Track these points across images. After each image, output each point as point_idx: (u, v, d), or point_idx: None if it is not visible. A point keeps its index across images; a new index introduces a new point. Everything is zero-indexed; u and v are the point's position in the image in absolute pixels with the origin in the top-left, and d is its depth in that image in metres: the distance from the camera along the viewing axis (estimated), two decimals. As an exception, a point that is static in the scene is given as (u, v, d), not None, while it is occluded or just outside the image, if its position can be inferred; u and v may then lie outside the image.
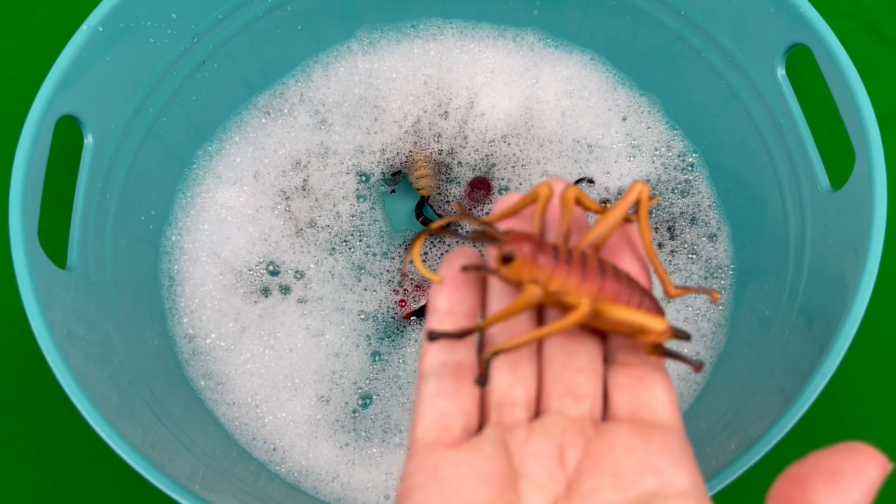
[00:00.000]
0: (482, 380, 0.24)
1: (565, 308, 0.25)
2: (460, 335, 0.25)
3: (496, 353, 0.25)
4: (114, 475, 0.45)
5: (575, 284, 0.25)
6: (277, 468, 0.45)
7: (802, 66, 0.43)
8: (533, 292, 0.24)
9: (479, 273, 0.26)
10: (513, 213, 0.27)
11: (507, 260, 0.25)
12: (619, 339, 0.26)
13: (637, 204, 0.27)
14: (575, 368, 0.25)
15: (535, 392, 0.26)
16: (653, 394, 0.25)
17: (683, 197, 0.48)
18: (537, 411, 0.26)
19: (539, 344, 0.27)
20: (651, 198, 0.27)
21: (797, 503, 0.22)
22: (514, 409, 0.25)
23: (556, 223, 0.27)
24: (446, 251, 0.48)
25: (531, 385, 0.26)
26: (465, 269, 0.25)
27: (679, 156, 0.49)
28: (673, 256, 0.47)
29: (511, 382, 0.26)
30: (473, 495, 0.23)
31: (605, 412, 0.25)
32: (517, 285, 0.25)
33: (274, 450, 0.45)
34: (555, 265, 0.25)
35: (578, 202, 0.27)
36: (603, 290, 0.25)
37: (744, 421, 0.38)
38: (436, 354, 0.26)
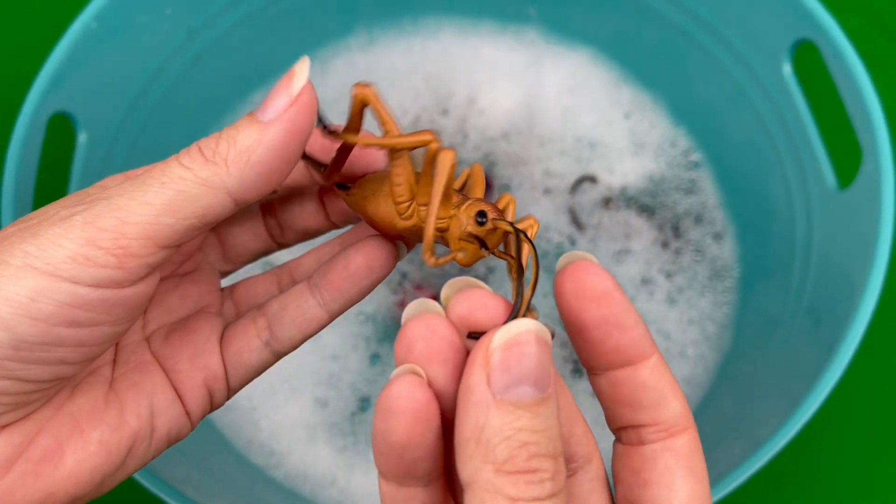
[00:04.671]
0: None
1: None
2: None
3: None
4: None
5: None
6: (274, 473, 0.44)
7: (809, 62, 0.42)
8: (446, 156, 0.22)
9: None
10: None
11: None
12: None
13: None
14: None
15: None
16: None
17: (688, 196, 0.48)
18: None
19: None
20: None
21: None
22: None
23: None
24: None
25: None
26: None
27: (684, 153, 0.48)
28: (677, 256, 0.47)
29: None
30: None
31: None
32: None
33: (271, 454, 0.45)
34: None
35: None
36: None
37: (749, 424, 0.38)
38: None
